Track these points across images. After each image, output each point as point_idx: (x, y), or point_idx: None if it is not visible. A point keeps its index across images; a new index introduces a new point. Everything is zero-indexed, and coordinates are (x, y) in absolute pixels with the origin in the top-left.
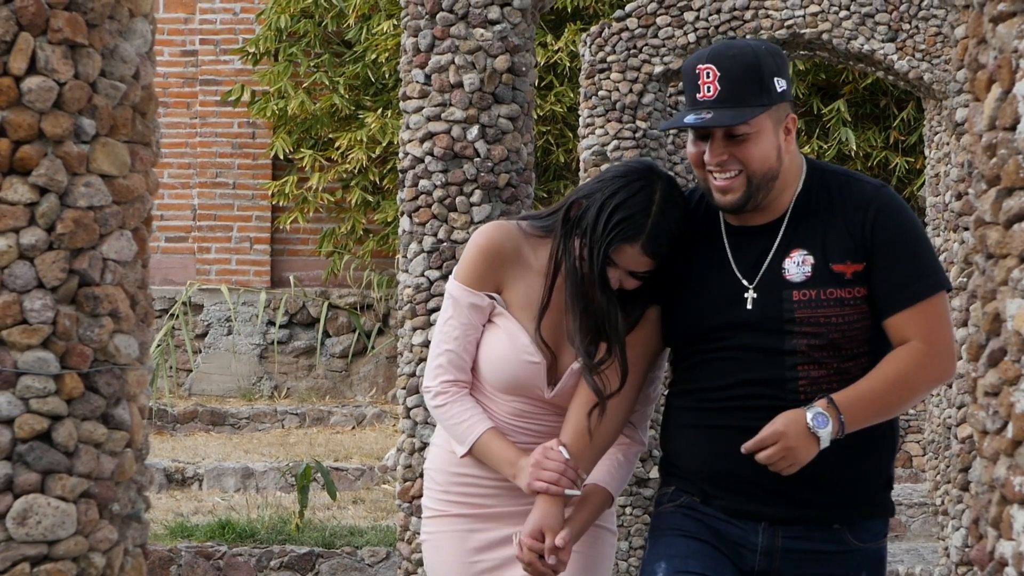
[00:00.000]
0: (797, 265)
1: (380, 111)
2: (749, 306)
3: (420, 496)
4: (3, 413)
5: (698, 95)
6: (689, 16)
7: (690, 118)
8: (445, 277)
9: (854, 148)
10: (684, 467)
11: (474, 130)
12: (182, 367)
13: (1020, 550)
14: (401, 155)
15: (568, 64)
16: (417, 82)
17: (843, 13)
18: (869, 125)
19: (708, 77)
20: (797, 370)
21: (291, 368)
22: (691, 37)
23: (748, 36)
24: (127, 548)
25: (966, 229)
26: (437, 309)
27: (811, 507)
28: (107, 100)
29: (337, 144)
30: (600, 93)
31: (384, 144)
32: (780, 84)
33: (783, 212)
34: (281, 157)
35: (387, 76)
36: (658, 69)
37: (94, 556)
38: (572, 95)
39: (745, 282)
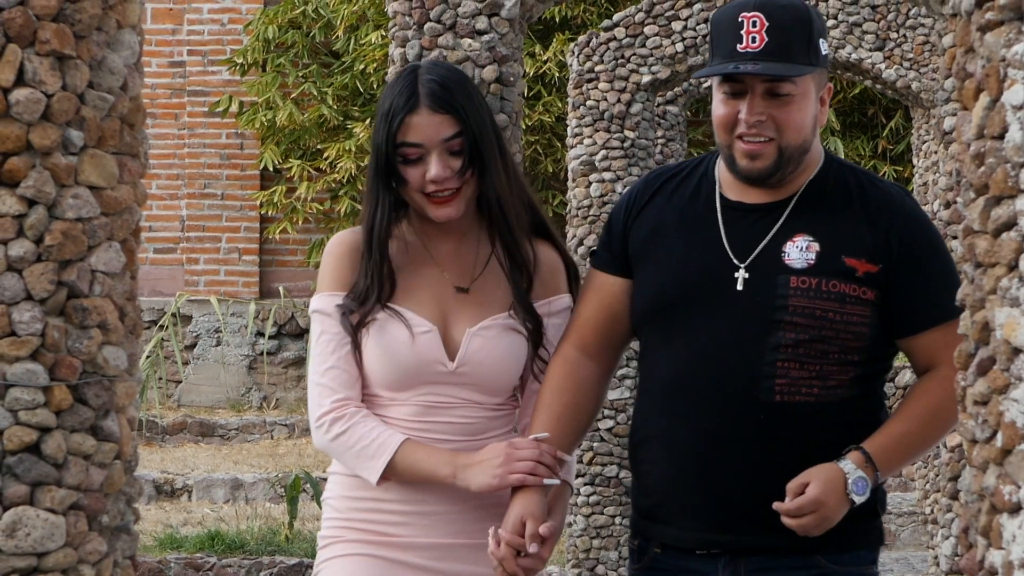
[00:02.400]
0: (800, 250)
1: (368, 121)
2: (739, 287)
3: None
4: None
5: (739, 45)
6: (677, 26)
7: (732, 67)
8: None
9: (842, 157)
10: (645, 490)
11: None
12: (171, 378)
13: (1010, 559)
14: None
15: (556, 74)
16: None
17: (831, 22)
18: (857, 134)
19: (755, 26)
20: (776, 367)
21: (280, 379)
22: (679, 47)
23: None
24: (116, 560)
25: (955, 238)
26: None
27: (781, 535)
28: (95, 112)
29: (325, 154)
30: (588, 103)
31: None
32: (824, 47)
33: (792, 194)
34: (270, 168)
35: (375, 86)
36: (646, 79)
37: (83, 568)
38: (560, 105)
39: (736, 261)
